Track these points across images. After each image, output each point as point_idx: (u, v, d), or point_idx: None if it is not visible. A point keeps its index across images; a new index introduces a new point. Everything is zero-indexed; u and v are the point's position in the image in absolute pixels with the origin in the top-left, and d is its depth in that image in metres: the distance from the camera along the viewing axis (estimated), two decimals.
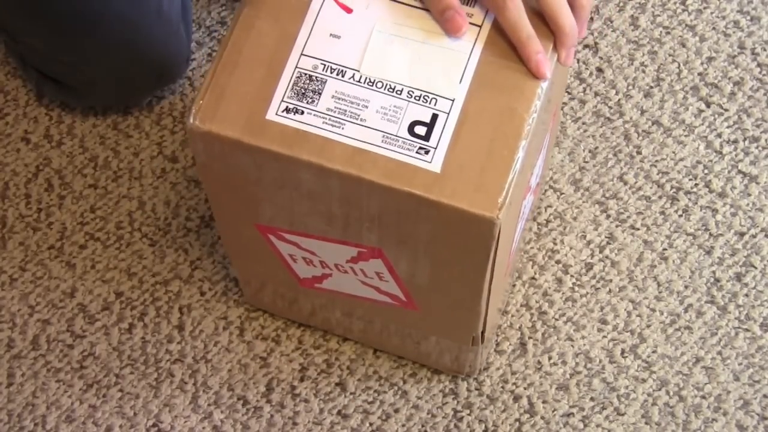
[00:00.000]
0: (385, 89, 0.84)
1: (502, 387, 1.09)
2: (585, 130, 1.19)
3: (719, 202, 1.16)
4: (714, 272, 1.13)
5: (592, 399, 1.09)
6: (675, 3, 1.24)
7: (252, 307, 1.12)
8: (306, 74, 0.84)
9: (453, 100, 0.83)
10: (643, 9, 1.24)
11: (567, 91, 1.20)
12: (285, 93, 0.84)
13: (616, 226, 1.15)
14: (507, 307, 1.12)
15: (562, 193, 1.16)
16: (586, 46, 1.22)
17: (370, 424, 1.09)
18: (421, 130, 0.83)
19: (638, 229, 1.15)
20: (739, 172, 1.17)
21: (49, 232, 1.15)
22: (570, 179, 1.17)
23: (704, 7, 1.24)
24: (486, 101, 0.83)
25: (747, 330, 1.11)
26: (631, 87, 1.20)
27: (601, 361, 1.10)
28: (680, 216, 1.15)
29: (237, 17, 0.86)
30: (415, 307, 0.98)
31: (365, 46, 0.85)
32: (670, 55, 1.21)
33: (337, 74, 0.84)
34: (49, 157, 1.18)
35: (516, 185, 0.83)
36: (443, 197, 0.82)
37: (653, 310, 1.12)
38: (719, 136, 1.18)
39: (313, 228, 0.91)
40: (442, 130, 0.83)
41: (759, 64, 1.21)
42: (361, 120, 0.83)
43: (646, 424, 1.08)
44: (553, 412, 1.09)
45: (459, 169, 0.82)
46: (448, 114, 0.83)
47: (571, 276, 1.13)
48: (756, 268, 1.13)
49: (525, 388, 1.09)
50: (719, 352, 1.11)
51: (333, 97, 0.84)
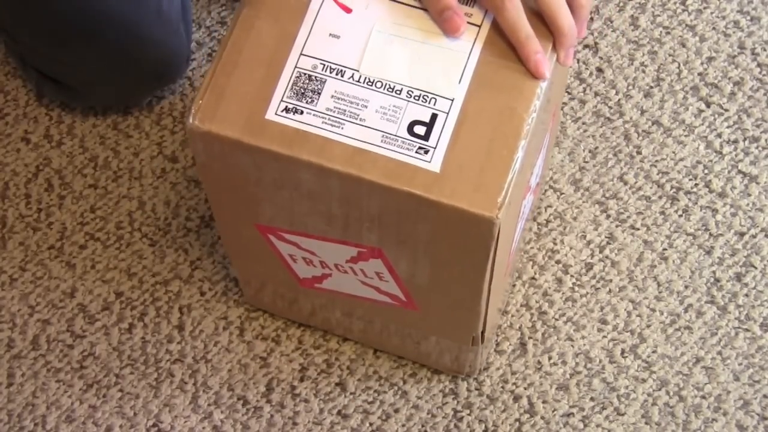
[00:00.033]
0: (384, 89, 0.84)
1: (502, 387, 1.09)
2: (585, 130, 1.19)
3: (719, 202, 1.16)
4: (714, 272, 1.13)
5: (592, 399, 1.09)
6: (675, 3, 1.24)
7: (252, 307, 1.12)
8: (305, 74, 0.84)
9: (452, 100, 0.83)
10: (643, 9, 1.24)
11: (567, 91, 1.20)
12: (284, 93, 0.84)
13: (616, 226, 1.15)
14: (507, 307, 1.12)
15: (562, 193, 1.16)
16: (586, 46, 1.22)
17: (370, 424, 1.09)
18: (420, 130, 0.83)
19: (638, 229, 1.15)
20: (739, 172, 1.17)
21: (49, 232, 1.15)
22: (570, 179, 1.17)
23: (704, 7, 1.24)
24: (485, 101, 0.83)
25: (747, 330, 1.11)
26: (631, 87, 1.20)
27: (601, 361, 1.10)
28: (680, 216, 1.15)
29: (237, 17, 0.86)
30: (415, 307, 0.98)
31: (365, 46, 0.85)
32: (670, 55, 1.21)
33: (337, 74, 0.84)
34: (49, 157, 1.18)
35: (515, 185, 0.83)
36: (443, 197, 0.82)
37: (653, 310, 1.12)
38: (719, 136, 1.18)
39: (313, 228, 0.91)
40: (442, 130, 0.83)
41: (759, 64, 1.21)
42: (361, 120, 0.83)
43: (646, 424, 1.08)
44: (553, 412, 1.09)
45: (458, 168, 0.82)
46: (448, 114, 0.83)
47: (571, 276, 1.13)
48: (756, 268, 1.13)
49: (525, 388, 1.09)
50: (719, 352, 1.11)
51: (332, 96, 0.84)
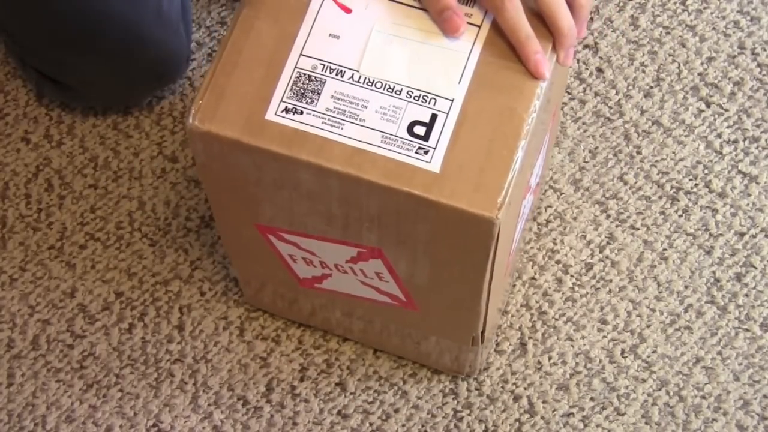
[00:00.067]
0: (384, 89, 0.84)
1: (502, 387, 1.09)
2: (585, 130, 1.19)
3: (719, 202, 1.16)
4: (714, 272, 1.13)
5: (592, 399, 1.09)
6: (675, 3, 1.24)
7: (252, 307, 1.12)
8: (305, 74, 0.84)
9: (452, 100, 0.83)
10: (643, 9, 1.24)
11: (567, 91, 1.20)
12: (284, 93, 0.84)
13: (616, 226, 1.15)
14: (507, 307, 1.12)
15: (562, 193, 1.16)
16: (586, 46, 1.22)
17: (370, 424, 1.09)
18: (420, 130, 0.83)
19: (638, 229, 1.15)
20: (739, 172, 1.17)
21: (49, 232, 1.15)
22: (570, 179, 1.17)
23: (704, 7, 1.23)
24: (485, 101, 0.83)
25: (747, 330, 1.11)
26: (631, 87, 1.20)
27: (601, 361, 1.10)
28: (680, 216, 1.15)
29: (236, 17, 0.86)
30: (415, 307, 0.98)
31: (364, 46, 0.85)
32: (670, 55, 1.21)
33: (337, 74, 0.84)
34: (49, 157, 1.18)
35: (515, 185, 0.83)
36: (442, 197, 0.82)
37: (653, 310, 1.12)
38: (719, 136, 1.18)
39: (312, 228, 0.91)
40: (442, 130, 0.83)
41: (759, 64, 1.21)
42: (361, 120, 0.83)
43: (646, 424, 1.08)
44: (553, 412, 1.09)
45: (458, 169, 0.82)
46: (448, 114, 0.83)
47: (571, 276, 1.13)
48: (756, 268, 1.13)
49: (525, 388, 1.09)
50: (719, 352, 1.11)
51: (332, 97, 0.84)
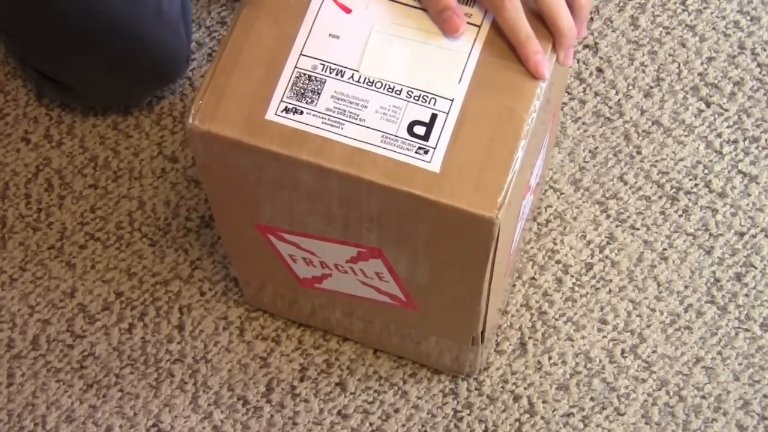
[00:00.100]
0: (384, 89, 0.84)
1: (502, 387, 1.09)
2: (585, 130, 1.19)
3: (719, 202, 1.16)
4: (714, 272, 1.13)
5: (592, 399, 1.09)
6: (675, 3, 1.24)
7: (252, 307, 1.12)
8: (305, 74, 0.84)
9: (452, 100, 0.83)
10: (643, 9, 1.24)
11: (567, 91, 1.20)
12: (284, 93, 0.84)
13: (616, 226, 1.15)
14: (507, 307, 1.12)
15: (562, 193, 1.16)
16: (586, 46, 1.22)
17: (370, 424, 1.09)
18: (420, 130, 0.83)
19: (638, 229, 1.15)
20: (739, 172, 1.17)
21: (49, 232, 1.15)
22: (570, 179, 1.17)
23: (704, 7, 1.23)
24: (485, 101, 0.83)
25: (747, 330, 1.11)
26: (631, 87, 1.20)
27: (601, 361, 1.10)
28: (680, 216, 1.15)
29: (236, 17, 0.86)
30: (415, 307, 0.98)
31: (364, 46, 0.85)
32: (670, 55, 1.21)
33: (337, 74, 0.84)
34: (49, 157, 1.18)
35: (515, 185, 0.83)
36: (442, 197, 0.82)
37: (653, 310, 1.12)
38: (719, 136, 1.18)
39: (312, 228, 0.91)
40: (441, 130, 0.83)
41: (759, 64, 1.21)
42: (361, 120, 0.83)
43: (646, 424, 1.08)
44: (553, 412, 1.09)
45: (458, 168, 0.82)
46: (448, 114, 0.83)
47: (571, 276, 1.13)
48: (756, 268, 1.13)
49: (525, 388, 1.09)
50: (719, 352, 1.11)
51: (332, 97, 0.84)
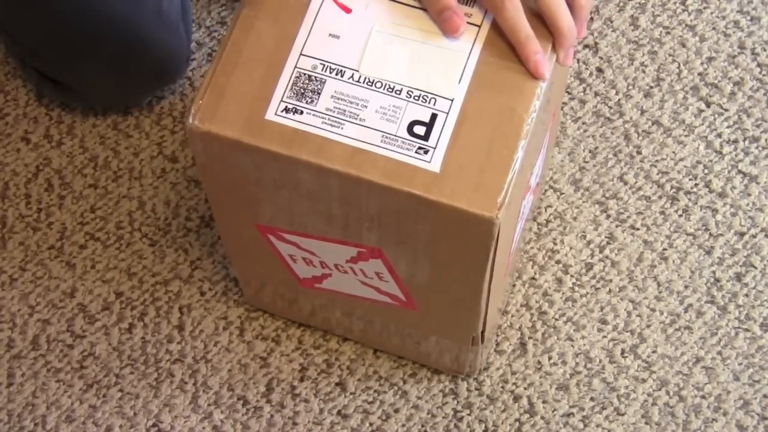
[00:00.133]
0: (384, 89, 0.84)
1: (502, 387, 1.09)
2: (585, 130, 1.19)
3: (719, 202, 1.16)
4: (714, 272, 1.13)
5: (592, 399, 1.09)
6: (675, 3, 1.24)
7: (252, 307, 1.12)
8: (305, 74, 0.84)
9: (452, 100, 0.83)
10: (643, 9, 1.24)
11: (567, 91, 1.20)
12: (284, 93, 0.84)
13: (616, 226, 1.15)
14: (507, 307, 1.12)
15: (562, 193, 1.16)
16: (586, 46, 1.22)
17: (370, 424, 1.09)
18: (420, 130, 0.83)
19: (638, 229, 1.15)
20: (739, 172, 1.17)
21: (49, 232, 1.15)
22: (570, 179, 1.17)
23: (704, 7, 1.23)
24: (485, 101, 0.83)
25: (747, 330, 1.11)
26: (631, 87, 1.20)
27: (601, 361, 1.10)
28: (680, 216, 1.15)
29: (236, 17, 0.86)
30: (415, 307, 0.98)
31: (364, 46, 0.85)
32: (670, 55, 1.21)
33: (337, 74, 0.84)
34: (49, 157, 1.18)
35: (515, 185, 0.83)
36: (442, 197, 0.82)
37: (653, 310, 1.12)
38: (719, 136, 1.18)
39: (312, 228, 0.91)
40: (442, 130, 0.83)
41: (759, 64, 1.21)
42: (361, 120, 0.83)
43: (646, 424, 1.08)
44: (553, 412, 1.09)
45: (458, 168, 0.82)
46: (448, 114, 0.83)
47: (571, 276, 1.13)
48: (756, 268, 1.13)
49: (525, 388, 1.09)
50: (719, 352, 1.11)
51: (332, 97, 0.84)
